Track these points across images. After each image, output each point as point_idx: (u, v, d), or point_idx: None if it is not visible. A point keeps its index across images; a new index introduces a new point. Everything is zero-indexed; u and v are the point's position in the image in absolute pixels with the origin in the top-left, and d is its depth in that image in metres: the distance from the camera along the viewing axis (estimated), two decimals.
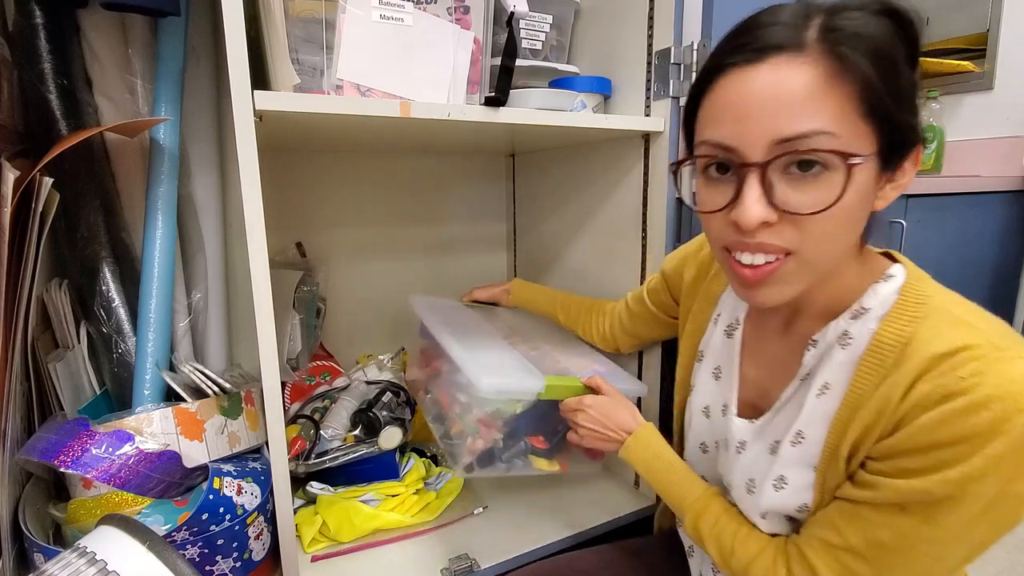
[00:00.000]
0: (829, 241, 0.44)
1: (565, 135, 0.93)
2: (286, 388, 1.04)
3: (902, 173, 0.45)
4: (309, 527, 0.82)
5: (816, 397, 0.50)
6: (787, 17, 0.43)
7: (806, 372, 0.52)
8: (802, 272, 0.46)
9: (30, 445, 0.67)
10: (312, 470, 0.89)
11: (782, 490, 0.53)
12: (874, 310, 0.48)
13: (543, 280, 1.22)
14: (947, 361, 0.42)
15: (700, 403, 0.66)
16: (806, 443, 0.51)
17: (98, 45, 0.76)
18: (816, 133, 0.41)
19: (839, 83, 0.40)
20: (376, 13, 0.66)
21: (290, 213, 1.12)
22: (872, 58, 0.40)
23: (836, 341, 0.49)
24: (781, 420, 0.54)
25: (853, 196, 0.42)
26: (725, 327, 0.63)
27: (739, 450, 0.58)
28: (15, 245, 0.65)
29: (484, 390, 0.70)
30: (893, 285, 0.48)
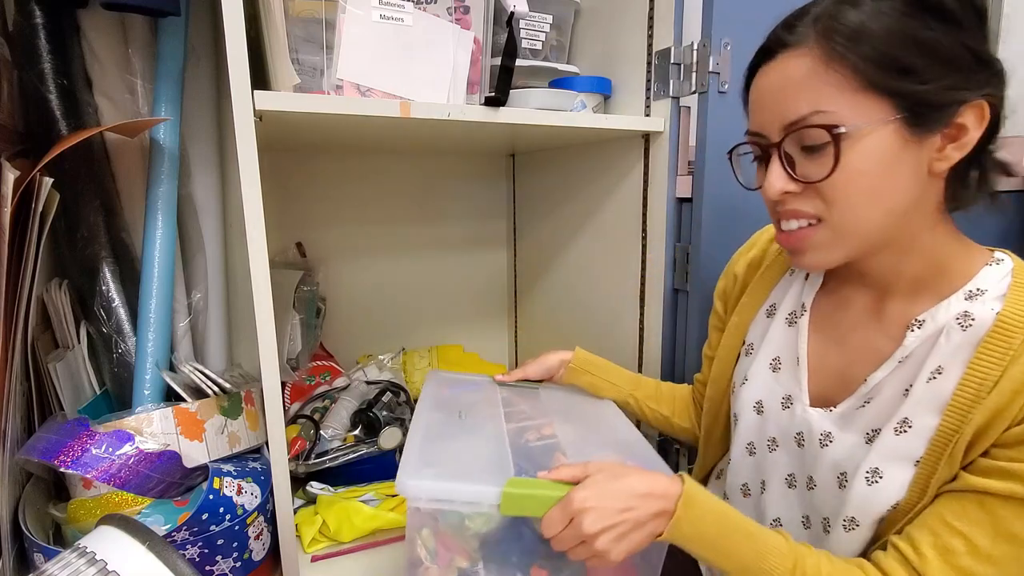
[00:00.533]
0: (853, 207, 0.47)
1: (565, 135, 0.93)
2: (286, 388, 1.04)
3: (961, 131, 0.45)
4: (309, 527, 0.82)
5: (927, 382, 0.47)
6: (793, 18, 0.48)
7: (906, 354, 0.49)
8: (837, 238, 0.49)
9: (30, 445, 0.67)
10: (312, 470, 0.89)
11: (875, 484, 0.49)
12: (991, 291, 0.47)
13: (543, 279, 1.22)
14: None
15: (751, 398, 0.62)
16: (912, 432, 0.48)
17: (98, 45, 0.76)
18: (813, 113, 0.46)
19: (833, 66, 0.44)
20: (376, 13, 0.66)
21: (290, 213, 1.12)
22: (864, 37, 0.43)
23: (953, 322, 0.47)
24: (875, 407, 0.51)
25: (862, 161, 0.45)
26: (786, 316, 0.61)
27: (824, 443, 0.54)
28: (15, 245, 0.65)
29: (408, 492, 0.52)
30: (1005, 268, 0.48)
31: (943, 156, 0.46)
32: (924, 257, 0.50)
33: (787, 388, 0.59)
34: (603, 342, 1.02)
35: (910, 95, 0.44)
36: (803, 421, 0.56)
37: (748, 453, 0.63)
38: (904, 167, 0.45)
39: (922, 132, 0.45)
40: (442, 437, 0.64)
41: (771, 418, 0.60)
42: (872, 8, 0.44)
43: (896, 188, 0.46)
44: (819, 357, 0.58)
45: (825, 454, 0.54)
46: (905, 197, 0.47)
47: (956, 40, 0.43)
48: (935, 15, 0.43)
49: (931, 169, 0.46)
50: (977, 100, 0.44)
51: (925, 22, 0.43)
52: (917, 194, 0.47)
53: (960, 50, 0.44)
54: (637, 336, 0.93)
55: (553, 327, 1.21)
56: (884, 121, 0.44)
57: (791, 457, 0.58)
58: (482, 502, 0.52)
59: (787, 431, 0.58)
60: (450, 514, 0.55)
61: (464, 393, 0.79)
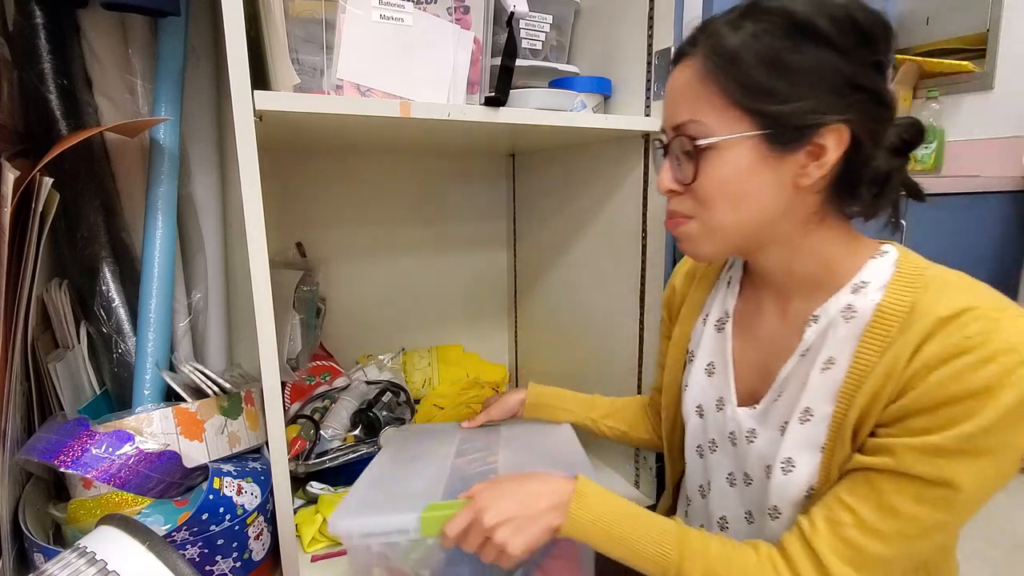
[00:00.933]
0: (717, 210, 0.51)
1: (565, 135, 0.93)
2: (286, 388, 1.04)
3: (821, 151, 0.47)
4: (309, 526, 0.82)
5: (821, 372, 0.51)
6: (698, 28, 0.52)
7: (806, 347, 0.53)
8: (706, 234, 0.53)
9: (30, 445, 0.67)
10: (312, 470, 0.89)
11: (790, 473, 0.52)
12: (873, 282, 0.50)
13: (543, 279, 1.22)
14: (953, 322, 0.44)
15: (692, 403, 0.66)
16: (814, 420, 0.51)
17: (98, 45, 0.76)
18: (689, 121, 0.50)
19: (708, 82, 0.49)
20: (376, 13, 0.66)
21: (290, 213, 1.12)
22: (735, 60, 0.47)
23: (839, 315, 0.51)
24: (784, 399, 0.54)
25: (723, 170, 0.49)
26: (715, 322, 0.65)
27: (750, 439, 0.57)
28: (15, 245, 0.65)
29: (338, 531, 0.57)
30: (889, 259, 0.51)
31: (805, 173, 0.48)
32: (811, 257, 0.53)
33: (719, 391, 0.62)
34: (603, 342, 1.02)
35: (770, 115, 0.47)
36: (733, 420, 0.60)
37: (698, 455, 0.67)
38: (764, 179, 0.49)
39: (782, 149, 0.48)
40: (388, 481, 0.69)
41: (710, 420, 0.64)
42: (750, 31, 0.47)
43: (757, 197, 0.50)
44: (743, 358, 0.61)
45: (752, 450, 0.57)
46: (768, 205, 0.50)
47: (828, 64, 0.46)
48: (809, 39, 0.46)
49: (796, 183, 0.49)
50: (837, 124, 0.46)
51: (797, 46, 0.46)
52: (783, 204, 0.50)
53: (830, 74, 0.46)
54: (637, 336, 0.93)
55: (553, 327, 1.21)
56: (745, 136, 0.48)
57: (728, 456, 0.61)
58: (407, 528, 0.56)
59: (723, 431, 0.62)
60: (396, 547, 0.58)
61: (424, 440, 0.84)
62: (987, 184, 1.54)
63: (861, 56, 0.46)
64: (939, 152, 1.80)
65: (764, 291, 0.60)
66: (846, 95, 0.46)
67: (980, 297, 0.45)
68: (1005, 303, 0.45)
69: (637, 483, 0.99)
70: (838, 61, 0.46)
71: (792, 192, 0.49)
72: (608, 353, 1.01)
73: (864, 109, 0.47)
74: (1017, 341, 0.42)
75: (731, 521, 0.62)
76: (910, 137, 0.51)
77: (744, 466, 0.59)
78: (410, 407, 1.10)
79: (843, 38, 0.46)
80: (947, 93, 1.88)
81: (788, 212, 0.51)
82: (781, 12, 0.46)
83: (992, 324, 0.43)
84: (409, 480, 0.69)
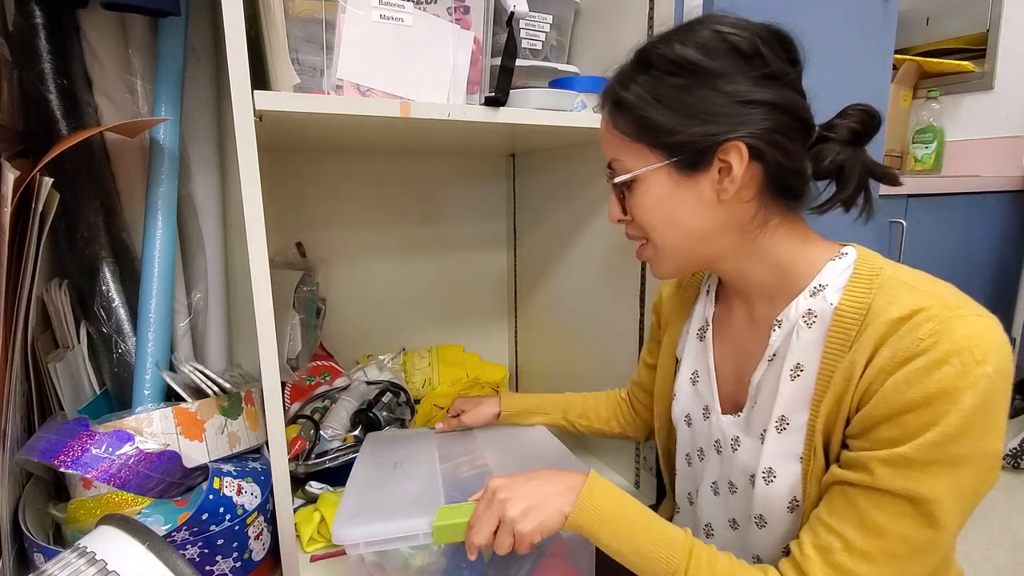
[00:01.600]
0: (658, 232, 0.55)
1: (565, 135, 0.93)
2: (286, 388, 1.04)
3: (728, 167, 0.50)
4: (307, 526, 0.82)
5: (791, 380, 0.52)
6: (610, 79, 0.56)
7: (772, 352, 0.54)
8: (659, 254, 0.57)
9: (30, 445, 0.67)
10: (312, 470, 0.89)
11: (772, 483, 0.52)
12: (831, 285, 0.51)
13: (543, 279, 1.22)
14: (904, 324, 0.44)
15: (681, 412, 0.67)
16: (790, 429, 0.51)
17: (98, 45, 0.76)
18: (612, 160, 0.56)
19: (611, 128, 0.55)
20: (376, 13, 0.66)
21: (290, 213, 1.12)
22: (625, 107, 0.53)
23: (801, 320, 0.51)
24: (760, 406, 0.55)
25: (647, 198, 0.54)
26: (697, 331, 0.66)
27: (734, 447, 0.58)
28: (15, 245, 0.65)
29: (345, 539, 0.56)
30: (847, 261, 0.51)
31: (722, 188, 0.51)
32: (762, 262, 0.55)
33: (704, 399, 0.63)
34: (603, 342, 1.02)
35: (668, 146, 0.51)
36: (718, 429, 0.60)
37: (687, 463, 0.68)
38: (687, 199, 0.52)
39: (691, 172, 0.51)
40: (377, 487, 0.68)
41: (697, 429, 0.65)
42: (636, 79, 0.52)
43: (688, 216, 0.53)
44: (723, 365, 0.62)
45: (736, 458, 0.57)
46: (702, 222, 0.53)
47: (709, 91, 0.49)
48: (688, 73, 0.50)
49: (719, 198, 0.51)
50: (733, 141, 0.49)
51: (679, 82, 0.50)
52: (718, 218, 0.53)
53: (713, 99, 0.49)
54: (637, 336, 0.93)
55: (553, 327, 1.21)
56: (655, 168, 0.52)
57: (714, 464, 0.62)
58: (417, 534, 0.56)
59: (708, 440, 0.62)
60: (393, 556, 0.58)
61: (400, 447, 0.84)
62: (987, 184, 1.54)
63: (745, 73, 0.49)
64: (939, 152, 1.80)
65: (734, 299, 0.62)
66: (738, 113, 0.49)
67: (932, 296, 0.45)
68: (958, 301, 0.45)
69: (637, 483, 0.99)
70: (719, 84, 0.49)
71: (720, 206, 0.52)
72: (608, 353, 1.01)
73: (761, 120, 0.49)
74: (969, 340, 0.42)
75: (716, 528, 0.62)
76: (861, 125, 0.52)
77: (729, 474, 0.59)
78: (410, 407, 1.10)
79: (719, 63, 0.49)
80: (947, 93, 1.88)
81: (726, 224, 0.53)
82: (660, 57, 0.51)
83: (942, 324, 0.43)
84: (402, 485, 0.68)
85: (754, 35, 0.49)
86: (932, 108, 1.81)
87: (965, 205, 1.49)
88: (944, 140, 1.80)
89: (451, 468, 0.73)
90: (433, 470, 0.72)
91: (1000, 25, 1.80)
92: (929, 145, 1.80)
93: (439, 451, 0.80)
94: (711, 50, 0.49)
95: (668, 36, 0.52)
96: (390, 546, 0.57)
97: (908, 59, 1.83)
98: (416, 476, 0.70)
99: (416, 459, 0.77)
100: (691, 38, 0.50)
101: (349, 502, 0.64)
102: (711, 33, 0.50)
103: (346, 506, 0.63)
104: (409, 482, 0.69)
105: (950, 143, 1.84)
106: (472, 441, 0.83)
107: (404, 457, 0.79)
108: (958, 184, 1.48)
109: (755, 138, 0.49)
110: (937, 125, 1.79)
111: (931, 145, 1.79)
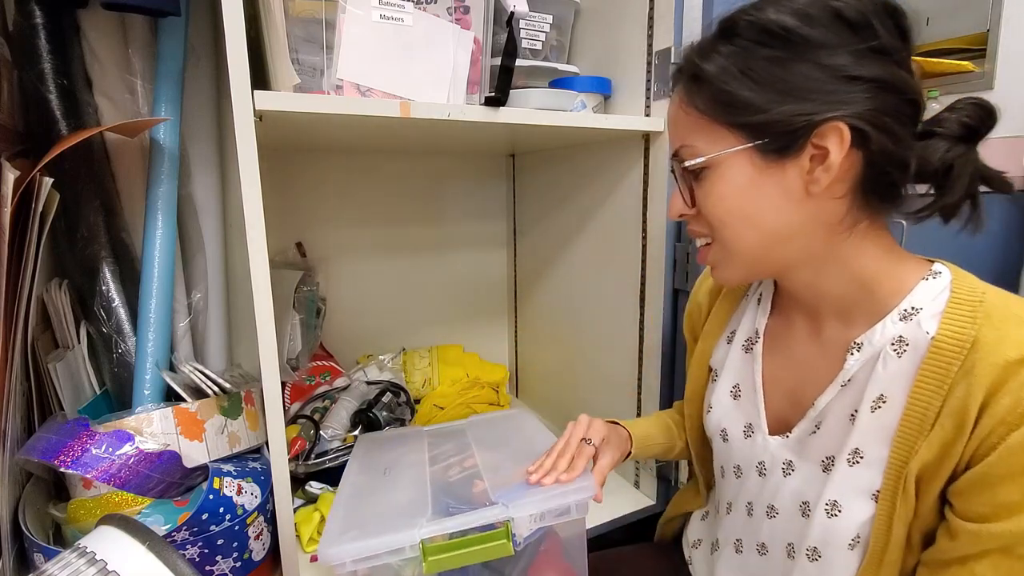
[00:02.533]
0: (729, 228, 0.49)
1: (565, 135, 0.93)
2: (286, 388, 1.04)
3: (824, 153, 0.44)
4: (307, 526, 0.82)
5: (872, 412, 0.46)
6: (681, 57, 0.51)
7: (848, 377, 0.49)
8: (727, 256, 0.51)
9: (30, 445, 0.67)
10: (312, 470, 0.89)
11: (835, 517, 0.48)
12: (926, 309, 0.45)
13: (543, 279, 1.22)
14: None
15: (717, 426, 0.62)
16: (864, 463, 0.47)
17: (98, 45, 0.76)
18: (681, 146, 0.50)
19: (686, 108, 0.49)
20: (376, 13, 0.66)
21: (290, 213, 1.12)
22: (703, 81, 0.47)
23: (888, 347, 0.46)
24: (825, 432, 0.50)
25: (723, 187, 0.47)
26: (743, 342, 0.61)
27: (787, 471, 0.53)
28: (15, 245, 0.65)
29: (331, 559, 0.54)
30: (942, 282, 0.46)
31: (813, 179, 0.45)
32: (844, 275, 0.49)
33: (748, 416, 0.59)
34: (603, 342, 1.02)
35: (754, 125, 0.45)
36: (764, 450, 0.56)
37: (721, 475, 0.64)
38: (769, 191, 0.46)
39: (778, 157, 0.45)
40: (366, 497, 0.67)
41: (735, 446, 0.60)
42: (719, 50, 0.46)
43: (767, 210, 0.47)
44: (774, 381, 0.57)
45: (787, 483, 0.53)
46: (782, 218, 0.47)
47: (809, 63, 0.43)
48: (784, 44, 0.44)
49: (807, 191, 0.45)
50: (833, 122, 0.42)
51: (769, 53, 0.44)
52: (801, 215, 0.46)
53: (813, 73, 0.43)
54: (637, 336, 0.93)
55: (553, 327, 1.21)
56: (735, 151, 0.46)
57: (752, 485, 0.58)
58: (404, 547, 0.55)
59: (750, 460, 0.58)
60: (383, 569, 0.56)
61: (391, 449, 0.82)
62: None
63: (850, 46, 0.43)
64: None
65: (795, 311, 0.56)
66: (838, 90, 0.42)
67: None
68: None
69: (637, 483, 0.99)
70: (819, 56, 0.43)
71: (807, 201, 0.46)
72: (608, 353, 1.01)
73: (866, 100, 0.42)
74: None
75: (745, 547, 0.60)
76: (974, 120, 0.46)
77: (772, 498, 0.55)
78: (410, 407, 1.10)
79: (823, 33, 0.43)
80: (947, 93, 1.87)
81: (809, 224, 0.47)
82: (751, 24, 0.45)
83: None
84: (390, 494, 0.67)
85: (864, 2, 0.43)
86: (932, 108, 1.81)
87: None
88: None
89: (441, 471, 0.72)
90: (423, 475, 0.71)
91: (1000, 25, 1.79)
92: None
93: (429, 452, 0.79)
94: (812, 17, 0.43)
95: (760, 2, 0.45)
96: (378, 561, 0.55)
97: None
98: (405, 483, 0.70)
99: (406, 462, 0.76)
100: (788, 3, 0.44)
101: (336, 517, 0.62)
102: (815, 1, 0.43)
103: (333, 522, 0.61)
104: (398, 491, 0.68)
105: None
106: (463, 437, 0.82)
107: (394, 461, 0.78)
108: None
109: (860, 119, 0.42)
110: None
111: None
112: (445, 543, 0.56)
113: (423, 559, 0.55)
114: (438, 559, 0.55)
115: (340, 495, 0.68)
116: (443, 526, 0.56)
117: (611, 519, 0.90)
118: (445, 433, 0.86)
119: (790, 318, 0.56)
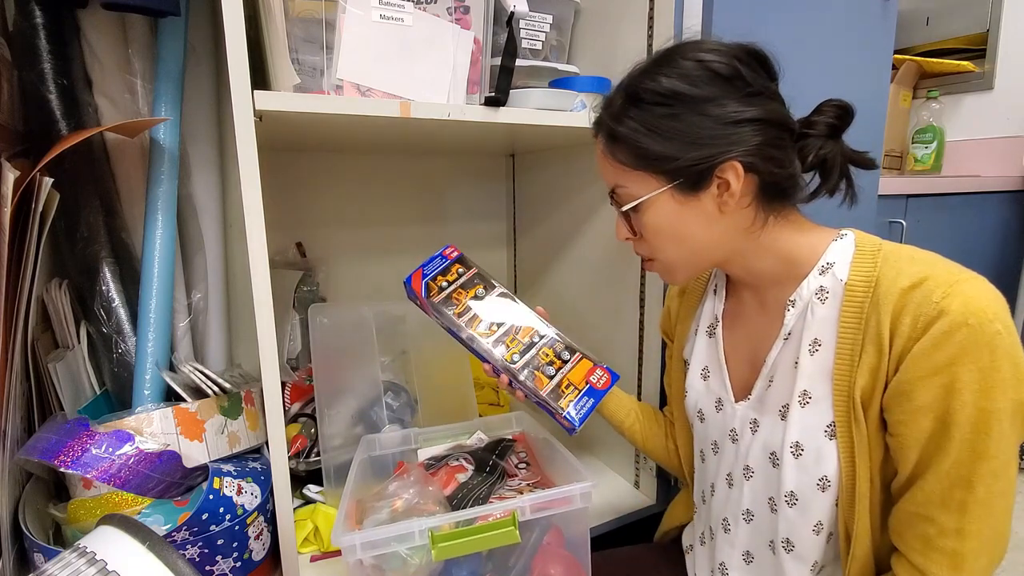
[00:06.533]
0: (665, 251, 0.58)
1: (565, 135, 0.93)
2: (286, 388, 1.04)
3: (726, 184, 0.53)
4: (301, 530, 0.82)
5: (810, 355, 0.54)
6: (600, 107, 0.60)
7: (788, 331, 0.56)
8: (671, 268, 0.60)
9: (30, 445, 0.67)
10: (313, 468, 0.89)
11: (800, 456, 0.54)
12: (839, 262, 0.53)
13: (543, 279, 1.22)
14: (917, 291, 0.47)
15: (693, 407, 0.68)
16: (814, 402, 0.54)
17: (98, 45, 0.76)
18: (615, 187, 0.58)
19: (613, 157, 0.57)
20: (376, 13, 0.66)
21: (290, 213, 1.12)
22: (621, 141, 0.55)
23: (814, 297, 0.54)
24: (778, 384, 0.57)
25: (655, 220, 0.56)
26: (707, 328, 0.68)
27: (754, 429, 0.59)
28: (15, 245, 0.65)
29: (344, 545, 0.55)
30: (848, 240, 0.55)
31: (723, 202, 0.54)
32: (769, 255, 0.57)
33: (717, 392, 0.65)
34: (603, 342, 1.02)
35: (668, 171, 0.54)
36: (733, 417, 0.62)
37: (701, 460, 0.69)
38: (691, 217, 0.55)
39: (694, 191, 0.54)
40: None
41: (710, 422, 0.66)
42: (629, 114, 0.54)
43: (693, 231, 0.56)
44: (734, 354, 0.64)
45: (756, 440, 0.59)
46: (707, 234, 0.56)
47: (701, 116, 0.52)
48: (678, 103, 0.52)
49: (720, 211, 0.54)
50: (729, 161, 0.51)
51: (667, 112, 0.52)
52: (721, 227, 0.56)
53: (705, 124, 0.52)
54: (637, 336, 0.93)
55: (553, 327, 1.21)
56: (660, 191, 0.55)
57: (728, 455, 0.63)
58: (412, 533, 0.57)
59: (723, 431, 0.64)
60: (391, 558, 0.58)
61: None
62: (987, 184, 1.54)
63: (730, 95, 0.52)
64: (939, 152, 1.80)
65: (743, 291, 0.64)
66: (728, 133, 0.51)
67: (933, 266, 0.49)
68: (955, 267, 0.49)
69: (637, 483, 0.99)
70: (708, 109, 0.52)
71: (723, 218, 0.55)
72: (608, 353, 1.01)
73: (752, 136, 0.51)
74: (976, 302, 0.45)
75: (732, 522, 0.62)
76: (837, 120, 0.55)
77: (746, 460, 0.60)
78: (410, 407, 1.10)
79: (705, 89, 0.52)
80: (947, 93, 1.88)
81: (729, 231, 0.56)
82: (649, 91, 0.53)
83: (950, 288, 0.46)
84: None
85: (732, 57, 0.53)
86: (932, 108, 1.81)
87: (965, 205, 1.49)
88: (944, 140, 1.80)
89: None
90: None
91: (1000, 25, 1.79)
92: (929, 145, 1.80)
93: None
94: (695, 78, 0.52)
95: (650, 70, 0.55)
96: (387, 549, 0.57)
97: (908, 59, 1.83)
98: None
99: None
100: (674, 70, 0.53)
101: (346, 504, 0.63)
102: (692, 63, 0.53)
103: (343, 511, 0.62)
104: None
105: (950, 143, 1.84)
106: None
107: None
108: (958, 184, 1.48)
109: (748, 155, 0.52)
110: (937, 125, 1.79)
111: (931, 145, 1.79)
112: (453, 531, 0.57)
113: (432, 546, 0.56)
114: (446, 546, 0.56)
115: (349, 485, 0.68)
116: (452, 515, 0.59)
117: (611, 519, 0.90)
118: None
119: (741, 298, 0.65)
